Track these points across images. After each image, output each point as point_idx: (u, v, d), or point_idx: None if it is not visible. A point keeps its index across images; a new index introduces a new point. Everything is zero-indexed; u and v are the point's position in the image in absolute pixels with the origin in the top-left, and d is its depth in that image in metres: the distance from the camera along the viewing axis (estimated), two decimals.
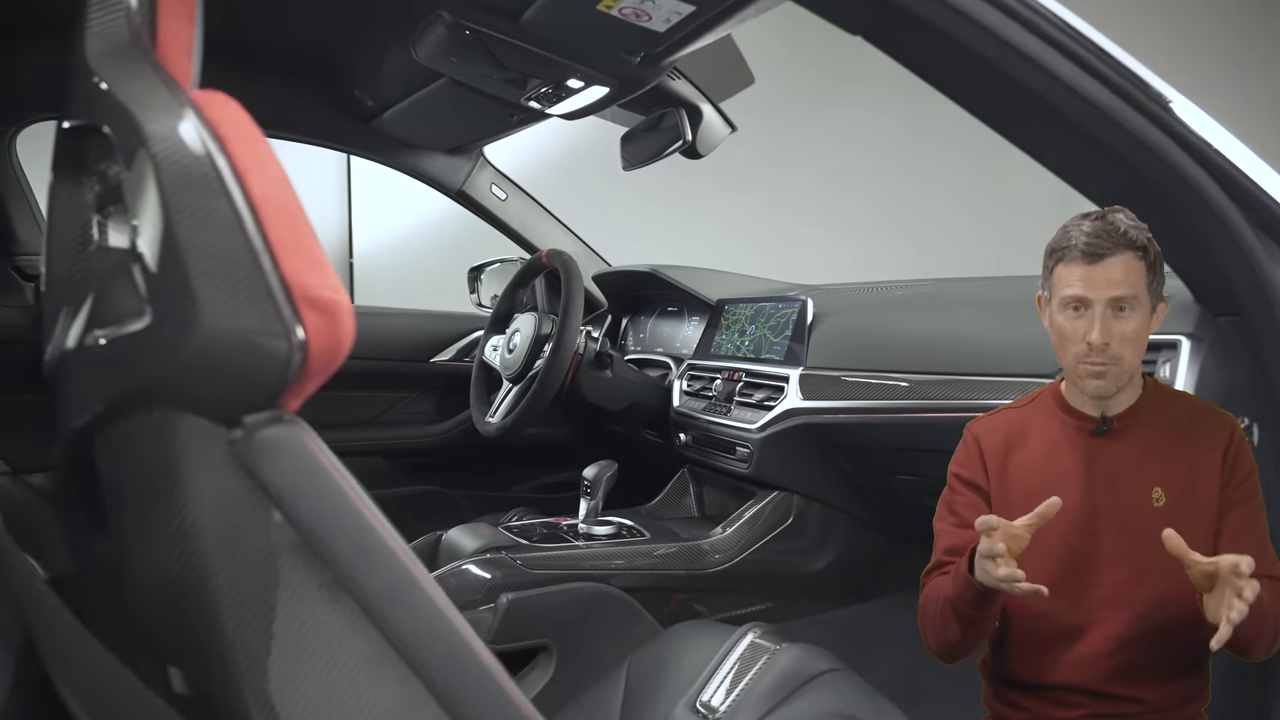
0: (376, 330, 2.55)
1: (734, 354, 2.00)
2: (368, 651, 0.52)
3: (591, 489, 1.80)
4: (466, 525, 1.74)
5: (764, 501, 1.79)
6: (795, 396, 1.72)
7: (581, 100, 1.69)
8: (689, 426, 2.03)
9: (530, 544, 1.66)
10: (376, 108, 2.06)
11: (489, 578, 1.52)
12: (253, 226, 0.46)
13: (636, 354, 2.48)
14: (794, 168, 3.92)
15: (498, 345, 2.21)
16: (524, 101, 1.75)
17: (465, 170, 2.38)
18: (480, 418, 2.19)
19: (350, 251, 3.95)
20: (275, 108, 2.09)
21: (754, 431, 1.77)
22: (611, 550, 1.67)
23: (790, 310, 1.86)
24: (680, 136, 1.71)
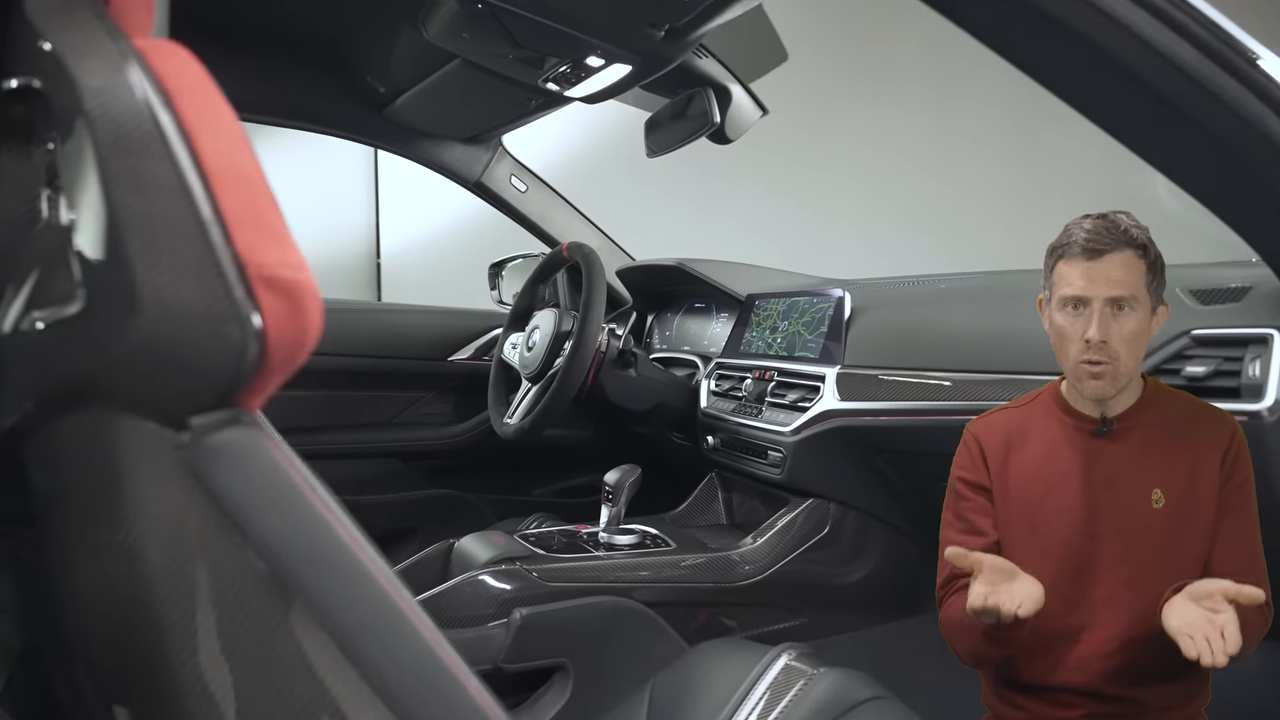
0: (392, 327, 2.47)
1: (765, 352, 1.89)
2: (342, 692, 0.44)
3: (613, 495, 1.69)
4: (480, 533, 1.64)
5: (797, 509, 1.68)
6: (832, 397, 1.60)
7: (602, 80, 1.59)
8: (717, 429, 1.92)
9: (547, 554, 1.55)
10: (389, 94, 1.97)
11: (502, 590, 1.42)
12: (201, 193, 0.40)
13: (662, 352, 2.37)
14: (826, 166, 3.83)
15: (517, 343, 2.12)
16: (541, 83, 1.65)
17: (483, 161, 2.29)
18: (498, 419, 2.10)
19: (378, 251, 3.93)
20: (287, 95, 2.02)
21: (787, 435, 1.66)
22: (634, 561, 1.56)
23: (826, 305, 1.75)
24: (708, 120, 1.60)
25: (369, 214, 3.91)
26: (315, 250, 3.64)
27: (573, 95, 1.69)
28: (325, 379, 2.36)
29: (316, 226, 3.75)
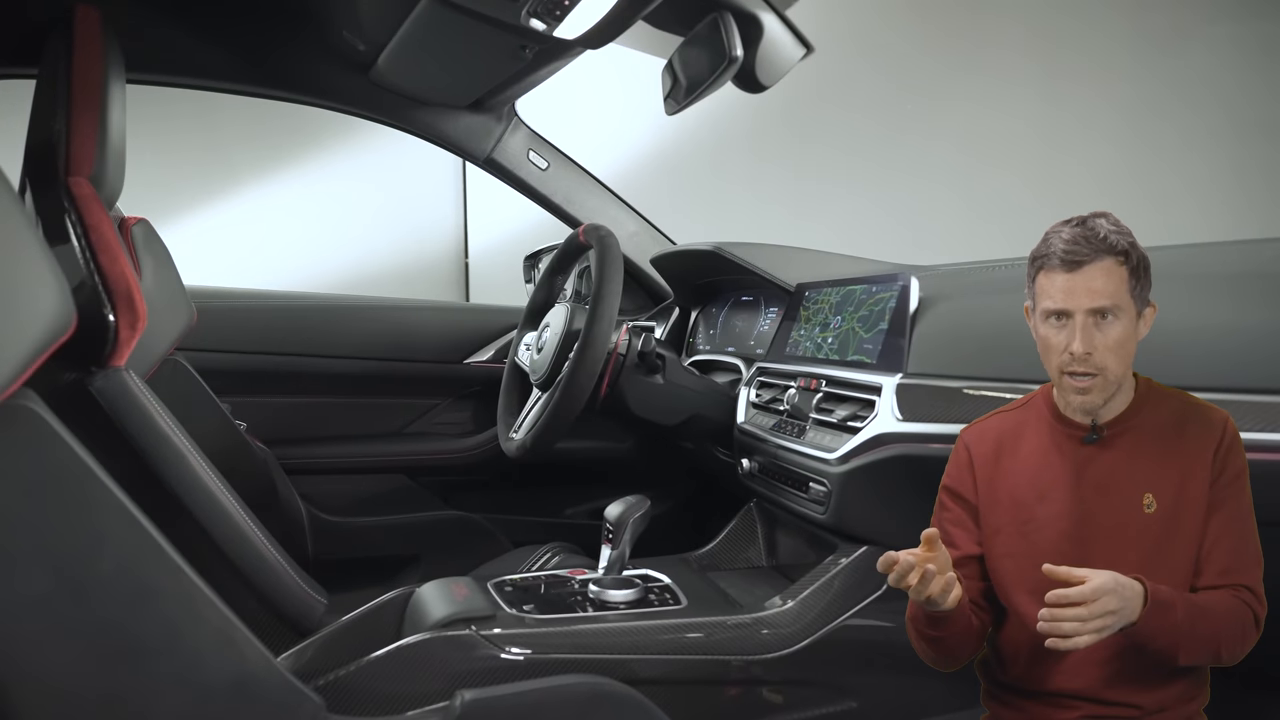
0: (401, 326, 2.20)
1: (813, 354, 1.51)
2: None
3: (614, 534, 1.36)
4: (441, 581, 1.33)
5: (848, 558, 1.30)
6: (889, 416, 1.22)
7: (593, 11, 1.25)
8: (755, 449, 1.55)
9: (518, 613, 1.22)
10: (370, 52, 1.69)
11: (445, 664, 1.10)
12: None
13: (705, 354, 2.01)
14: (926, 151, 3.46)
15: (530, 344, 1.80)
16: (524, 21, 1.33)
17: (495, 133, 1.98)
18: (505, 432, 1.79)
19: (465, 251, 3.86)
20: (266, 62, 1.77)
21: (833, 463, 1.28)
22: (628, 626, 1.21)
23: (887, 294, 1.36)
24: (725, 54, 1.24)
25: (457, 213, 3.84)
26: (403, 252, 3.66)
27: (564, 35, 1.36)
28: (322, 384, 2.11)
29: (405, 228, 3.72)
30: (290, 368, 2.06)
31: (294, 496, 1.89)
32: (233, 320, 2.02)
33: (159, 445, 1.22)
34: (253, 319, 2.06)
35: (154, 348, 1.49)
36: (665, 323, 2.19)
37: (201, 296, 1.76)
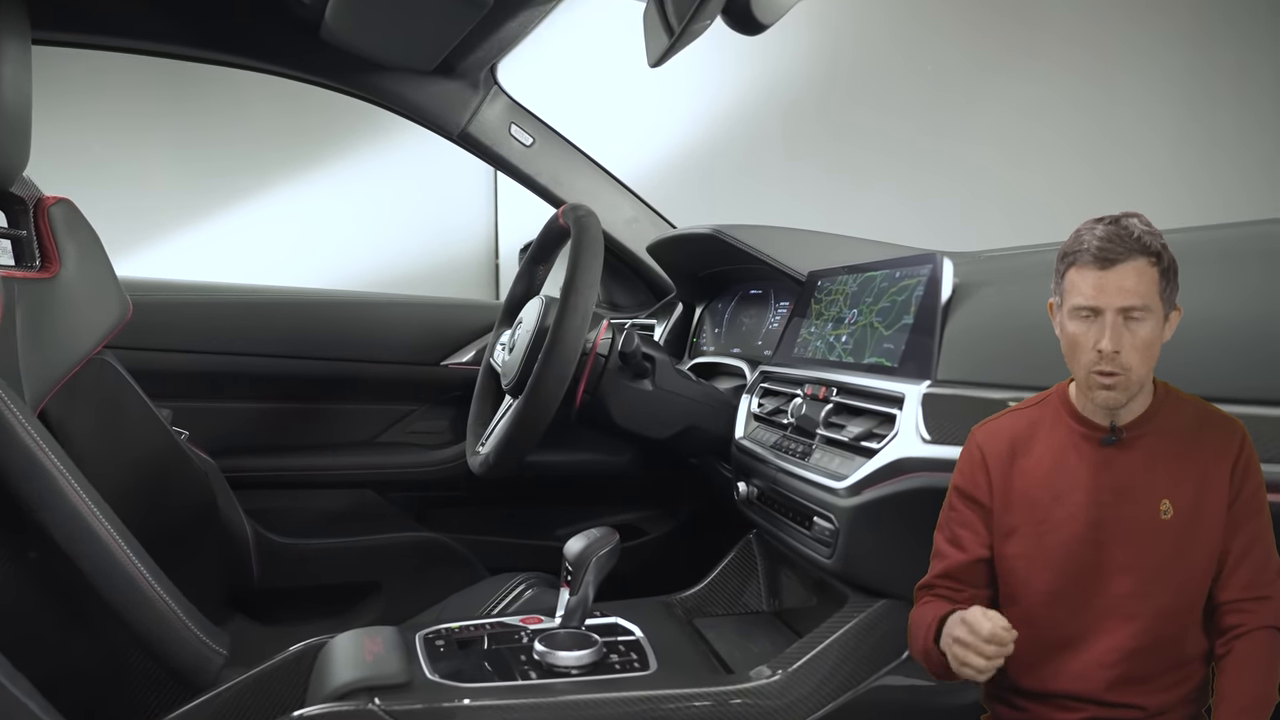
0: (370, 323, 1.97)
1: (825, 355, 1.25)
2: None
3: (573, 576, 1.11)
4: (357, 633, 1.08)
5: (860, 614, 1.03)
6: (912, 435, 0.95)
7: None
8: (754, 470, 1.29)
9: (440, 679, 0.98)
10: (316, 3, 1.46)
11: None
12: None
13: (709, 355, 1.75)
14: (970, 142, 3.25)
15: (505, 343, 1.57)
16: None
17: (470, 103, 1.75)
18: (472, 444, 1.56)
19: (496, 252, 3.69)
20: (200, 14, 1.56)
21: (841, 494, 1.01)
22: (576, 700, 0.96)
23: (913, 281, 1.09)
24: None
25: (488, 213, 3.69)
26: (432, 252, 3.54)
27: None
28: (279, 388, 1.88)
29: (435, 228, 3.59)
30: (242, 369, 1.84)
31: (238, 514, 1.67)
32: (175, 315, 1.80)
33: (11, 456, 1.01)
34: (198, 314, 1.84)
35: (73, 345, 1.29)
36: (667, 320, 1.94)
37: (138, 288, 1.55)
